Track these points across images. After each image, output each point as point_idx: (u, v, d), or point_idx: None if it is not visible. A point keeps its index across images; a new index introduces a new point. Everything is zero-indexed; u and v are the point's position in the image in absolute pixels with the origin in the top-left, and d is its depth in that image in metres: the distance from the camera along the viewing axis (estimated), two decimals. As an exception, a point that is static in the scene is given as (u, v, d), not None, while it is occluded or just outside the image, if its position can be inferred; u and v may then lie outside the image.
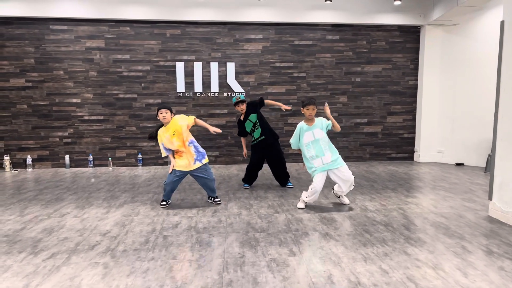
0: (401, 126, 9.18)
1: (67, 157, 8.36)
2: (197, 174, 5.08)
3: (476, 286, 2.90)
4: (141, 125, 8.55)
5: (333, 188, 5.32)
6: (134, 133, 8.56)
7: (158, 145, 5.17)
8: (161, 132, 5.04)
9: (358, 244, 3.76)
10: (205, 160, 5.11)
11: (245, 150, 6.36)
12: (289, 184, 6.34)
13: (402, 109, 9.13)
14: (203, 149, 5.16)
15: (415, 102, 9.13)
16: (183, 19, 8.24)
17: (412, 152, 9.28)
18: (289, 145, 5.43)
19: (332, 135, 9.01)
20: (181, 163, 4.99)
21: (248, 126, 6.17)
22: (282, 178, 6.32)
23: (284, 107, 6.22)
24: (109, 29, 8.27)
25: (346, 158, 9.07)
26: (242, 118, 6.22)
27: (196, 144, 5.11)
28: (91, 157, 8.39)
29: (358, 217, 4.68)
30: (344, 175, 4.84)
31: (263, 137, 6.08)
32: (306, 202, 5.10)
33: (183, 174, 5.05)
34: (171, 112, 5.01)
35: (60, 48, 8.19)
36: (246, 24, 8.55)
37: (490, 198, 4.71)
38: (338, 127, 4.93)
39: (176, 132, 4.95)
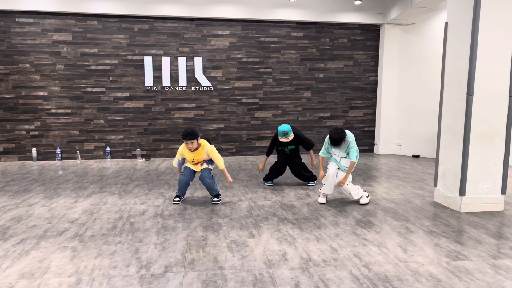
0: (362, 120, 9.63)
1: (34, 150, 8.35)
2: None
3: (413, 260, 3.27)
4: (110, 118, 8.63)
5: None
6: (103, 126, 8.63)
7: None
8: (184, 150, 4.99)
9: (313, 227, 4.08)
10: (212, 166, 5.12)
11: (261, 167, 6.12)
12: (311, 182, 6.13)
13: (363, 104, 9.57)
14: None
15: (375, 97, 9.59)
16: (151, 14, 8.36)
17: (372, 145, 9.76)
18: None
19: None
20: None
21: (278, 148, 6.03)
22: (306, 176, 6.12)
23: (314, 165, 6.14)
24: (76, 22, 8.29)
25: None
26: (281, 140, 5.75)
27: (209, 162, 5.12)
28: (58, 150, 8.42)
29: (315, 204, 5.01)
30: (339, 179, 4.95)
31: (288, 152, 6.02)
32: (325, 194, 5.07)
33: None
34: (197, 138, 4.79)
35: (26, 41, 8.15)
36: (214, 20, 8.75)
37: (435, 185, 5.15)
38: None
39: (195, 160, 5.00)
